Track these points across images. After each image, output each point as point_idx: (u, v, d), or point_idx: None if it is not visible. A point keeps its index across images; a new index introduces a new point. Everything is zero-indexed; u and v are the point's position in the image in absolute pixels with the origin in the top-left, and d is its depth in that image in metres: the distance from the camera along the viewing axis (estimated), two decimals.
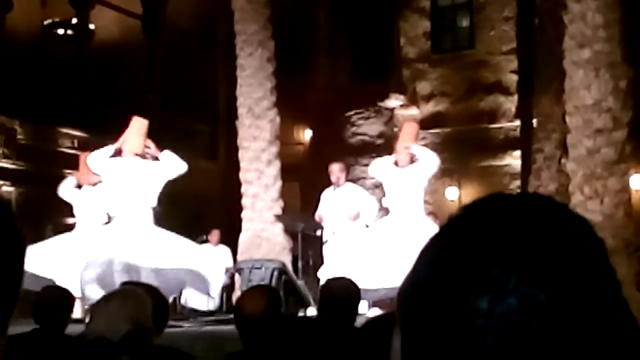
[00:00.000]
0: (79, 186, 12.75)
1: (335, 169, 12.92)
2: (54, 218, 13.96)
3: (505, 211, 0.91)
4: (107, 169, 11.19)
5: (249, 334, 4.32)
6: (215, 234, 16.16)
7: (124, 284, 6.07)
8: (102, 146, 11.49)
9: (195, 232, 12.20)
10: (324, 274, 11.45)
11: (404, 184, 11.50)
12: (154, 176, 11.13)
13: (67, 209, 12.94)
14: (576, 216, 0.92)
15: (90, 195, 12.59)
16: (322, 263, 12.63)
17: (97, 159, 11.24)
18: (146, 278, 9.77)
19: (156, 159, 11.24)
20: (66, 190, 12.71)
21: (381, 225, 11.84)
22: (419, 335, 0.89)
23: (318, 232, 13.06)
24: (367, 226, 12.70)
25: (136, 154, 11.11)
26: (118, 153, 11.16)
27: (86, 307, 10.79)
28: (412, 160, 11.65)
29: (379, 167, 11.89)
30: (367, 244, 11.65)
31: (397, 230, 11.24)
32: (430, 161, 11.60)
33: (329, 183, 13.01)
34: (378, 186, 13.18)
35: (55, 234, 12.62)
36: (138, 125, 11.39)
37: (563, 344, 0.84)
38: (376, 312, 10.84)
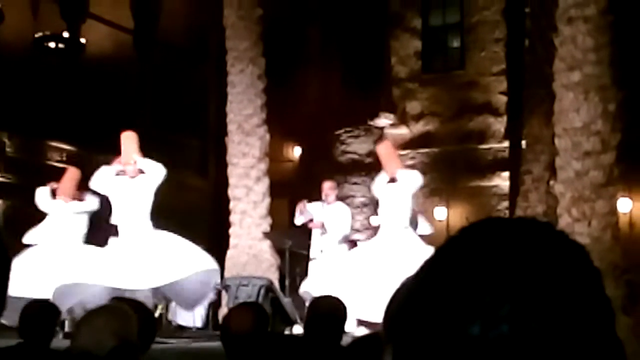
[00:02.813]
0: (54, 196, 12.78)
1: (325, 187, 13.07)
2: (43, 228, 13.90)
3: (501, 236, 0.90)
4: (110, 189, 11.46)
5: (235, 351, 4.30)
6: None
7: (112, 299, 6.05)
8: (90, 160, 11.56)
9: None
10: (306, 289, 11.54)
11: (392, 199, 11.74)
12: (144, 189, 11.35)
13: None
14: (573, 244, 0.92)
15: (66, 209, 12.61)
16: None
17: (98, 181, 11.50)
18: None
19: (141, 171, 11.48)
20: (41, 199, 12.74)
21: (370, 245, 11.92)
22: (411, 356, 0.89)
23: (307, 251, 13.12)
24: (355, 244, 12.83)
25: (129, 170, 11.34)
26: (121, 172, 11.48)
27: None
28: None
29: (377, 185, 12.25)
30: (355, 267, 11.71)
31: (386, 252, 11.33)
32: (412, 179, 11.90)
33: (318, 200, 13.10)
34: (367, 204, 13.23)
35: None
36: (128, 139, 11.58)
37: None
38: (363, 331, 10.84)
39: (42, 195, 12.76)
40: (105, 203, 12.07)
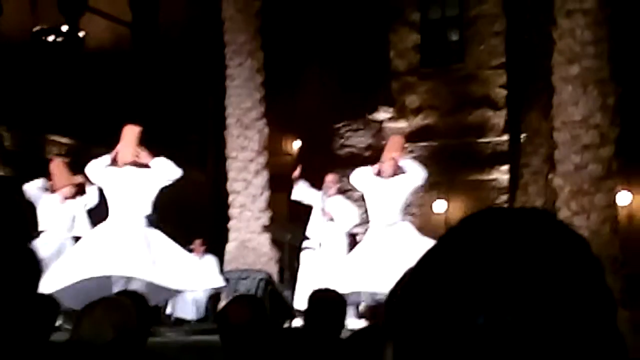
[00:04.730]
0: (50, 190, 12.73)
1: (327, 179, 13.11)
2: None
3: (502, 226, 0.90)
4: (103, 179, 11.15)
5: (232, 344, 4.31)
6: (197, 244, 16.07)
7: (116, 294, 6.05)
8: (89, 154, 11.46)
9: (182, 241, 12.17)
10: (302, 288, 11.46)
11: (386, 194, 11.59)
12: (146, 184, 11.05)
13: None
14: (573, 234, 0.92)
15: (60, 206, 12.57)
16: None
17: (94, 169, 11.21)
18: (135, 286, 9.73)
19: (147, 166, 11.17)
20: (32, 189, 12.65)
21: (365, 237, 11.89)
22: (413, 348, 0.89)
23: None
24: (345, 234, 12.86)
25: (129, 163, 11.06)
26: (114, 162, 11.12)
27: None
28: (396, 172, 11.74)
29: (359, 177, 12.00)
30: (351, 254, 11.72)
31: (381, 240, 11.30)
32: (416, 174, 11.71)
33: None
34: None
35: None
36: (129, 133, 11.34)
37: None
38: (362, 324, 10.85)
39: (33, 188, 12.65)
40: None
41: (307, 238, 13.00)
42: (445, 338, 0.86)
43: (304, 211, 13.50)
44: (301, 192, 13.24)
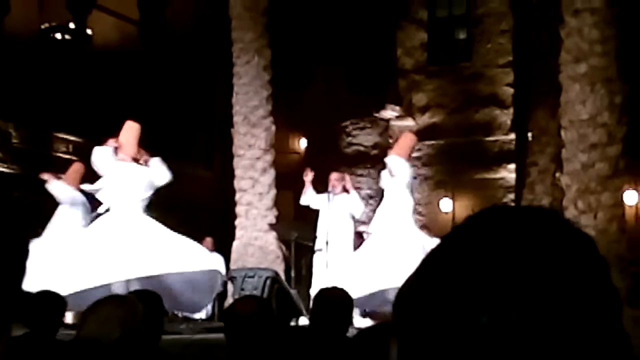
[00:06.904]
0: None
1: (332, 178, 13.02)
2: (48, 223, 13.92)
3: (507, 225, 0.90)
4: (110, 169, 11.15)
5: (237, 340, 4.30)
6: (207, 242, 16.07)
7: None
8: None
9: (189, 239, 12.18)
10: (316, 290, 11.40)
11: (390, 191, 11.76)
12: (143, 181, 11.06)
13: None
14: (579, 232, 0.92)
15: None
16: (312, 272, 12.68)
17: (103, 158, 11.15)
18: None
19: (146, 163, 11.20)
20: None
21: (374, 236, 11.89)
22: (417, 346, 0.89)
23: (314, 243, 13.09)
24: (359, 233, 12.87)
25: (130, 158, 11.08)
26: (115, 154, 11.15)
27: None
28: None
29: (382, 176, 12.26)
30: (360, 254, 11.71)
31: (389, 241, 11.32)
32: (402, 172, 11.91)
33: (324, 192, 13.09)
34: (372, 197, 13.22)
35: None
36: (132, 130, 11.34)
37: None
38: (368, 322, 10.84)
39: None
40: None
41: (315, 238, 12.97)
42: (449, 336, 0.86)
43: (310, 210, 13.49)
44: (309, 198, 13.24)
